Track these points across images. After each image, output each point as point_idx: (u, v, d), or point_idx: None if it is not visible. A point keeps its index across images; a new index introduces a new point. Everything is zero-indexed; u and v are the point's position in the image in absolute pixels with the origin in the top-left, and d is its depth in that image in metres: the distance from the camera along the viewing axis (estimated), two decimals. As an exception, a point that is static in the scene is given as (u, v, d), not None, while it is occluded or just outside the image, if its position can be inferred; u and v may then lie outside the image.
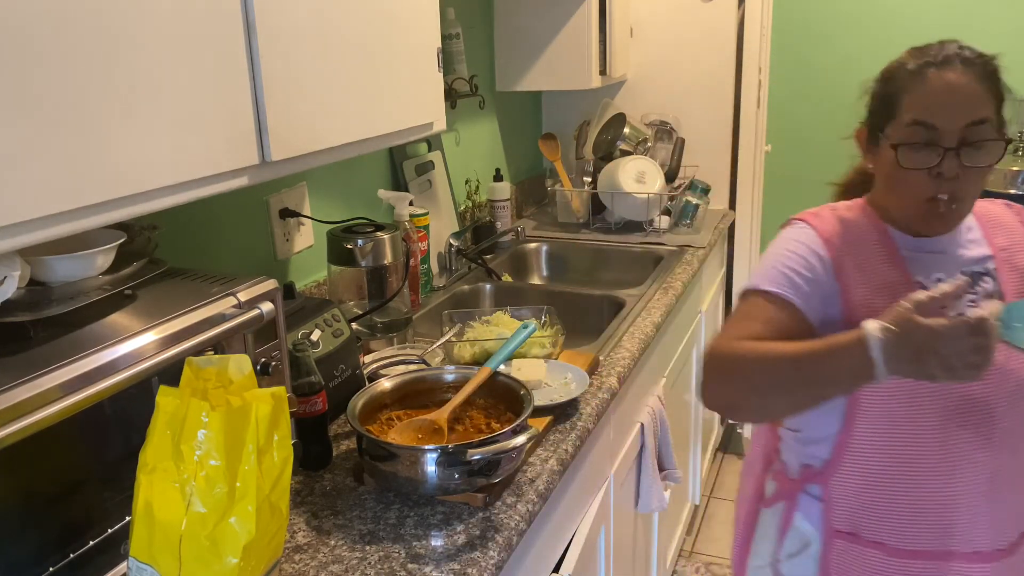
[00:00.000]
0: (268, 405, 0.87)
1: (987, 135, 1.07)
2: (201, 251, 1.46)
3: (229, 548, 0.83)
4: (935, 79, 1.09)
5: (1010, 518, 1.17)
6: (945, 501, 1.14)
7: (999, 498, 1.14)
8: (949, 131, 1.07)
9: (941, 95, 1.08)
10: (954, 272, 1.14)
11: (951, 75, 1.08)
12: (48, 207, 0.78)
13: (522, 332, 1.49)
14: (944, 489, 1.13)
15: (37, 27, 0.75)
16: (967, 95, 1.08)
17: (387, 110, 1.32)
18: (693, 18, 2.75)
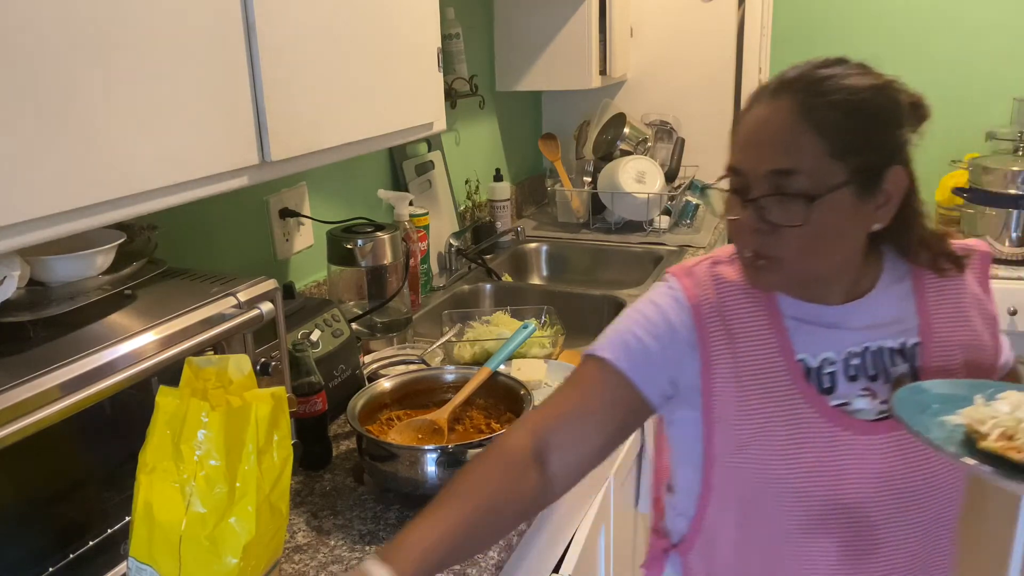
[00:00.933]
0: (268, 405, 0.87)
1: (789, 188, 0.84)
2: (201, 251, 1.46)
3: (229, 548, 0.83)
4: (750, 114, 0.89)
5: None
6: None
7: None
8: (753, 178, 0.87)
9: (748, 134, 0.88)
10: (846, 350, 0.93)
11: (761, 109, 0.88)
12: (48, 207, 0.78)
13: (522, 332, 1.49)
14: None
15: (37, 28, 0.75)
16: (772, 134, 0.85)
17: (387, 110, 1.32)
18: (693, 18, 2.75)
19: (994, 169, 2.53)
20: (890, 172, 0.86)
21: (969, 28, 2.93)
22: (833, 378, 0.93)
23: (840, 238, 0.88)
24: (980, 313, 0.99)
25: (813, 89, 0.85)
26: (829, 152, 0.83)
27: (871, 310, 0.94)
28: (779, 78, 0.89)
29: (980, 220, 2.57)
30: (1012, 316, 2.51)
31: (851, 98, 0.84)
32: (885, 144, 0.87)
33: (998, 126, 2.84)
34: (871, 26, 3.03)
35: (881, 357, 0.94)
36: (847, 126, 0.84)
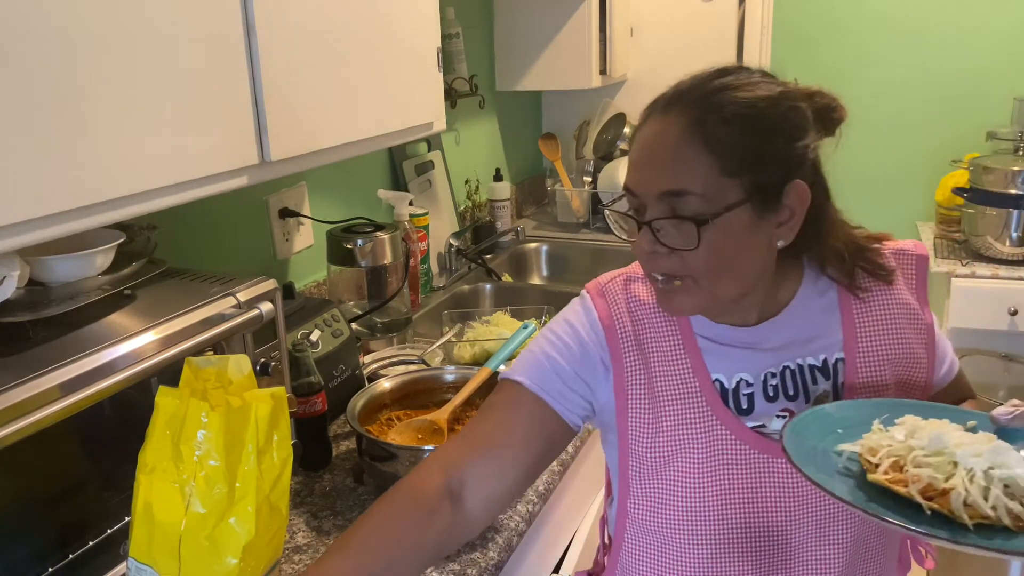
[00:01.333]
0: (268, 405, 0.87)
1: (682, 210, 0.80)
2: (201, 251, 1.46)
3: (229, 548, 0.83)
4: (642, 130, 0.85)
5: None
6: None
7: None
8: (646, 199, 0.83)
9: (641, 152, 0.84)
10: (763, 370, 0.90)
11: (652, 125, 0.83)
12: (48, 207, 0.78)
13: (522, 332, 1.49)
14: None
15: (37, 28, 0.75)
16: (664, 153, 0.81)
17: (387, 110, 1.32)
18: (693, 18, 2.75)
19: (994, 169, 2.52)
20: (790, 187, 0.82)
21: (969, 28, 2.92)
22: (751, 399, 0.90)
23: (743, 258, 0.83)
24: (912, 324, 0.93)
25: (704, 103, 0.81)
26: (722, 170, 0.79)
27: (788, 327, 0.91)
28: (673, 89, 0.84)
29: (980, 220, 2.57)
30: (1012, 316, 2.50)
31: (744, 112, 0.80)
32: (784, 158, 0.82)
33: (998, 126, 2.84)
34: (871, 26, 3.03)
35: (801, 375, 0.90)
36: (740, 142, 0.79)
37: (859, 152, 3.07)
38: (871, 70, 3.05)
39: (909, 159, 3.09)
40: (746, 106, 0.80)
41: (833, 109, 0.86)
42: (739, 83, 0.82)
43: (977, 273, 2.54)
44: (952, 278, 2.55)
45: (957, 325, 2.57)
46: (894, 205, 3.11)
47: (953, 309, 2.56)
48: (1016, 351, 2.56)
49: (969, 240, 2.66)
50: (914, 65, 3.01)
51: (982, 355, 2.56)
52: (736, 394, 0.90)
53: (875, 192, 3.11)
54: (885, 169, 3.09)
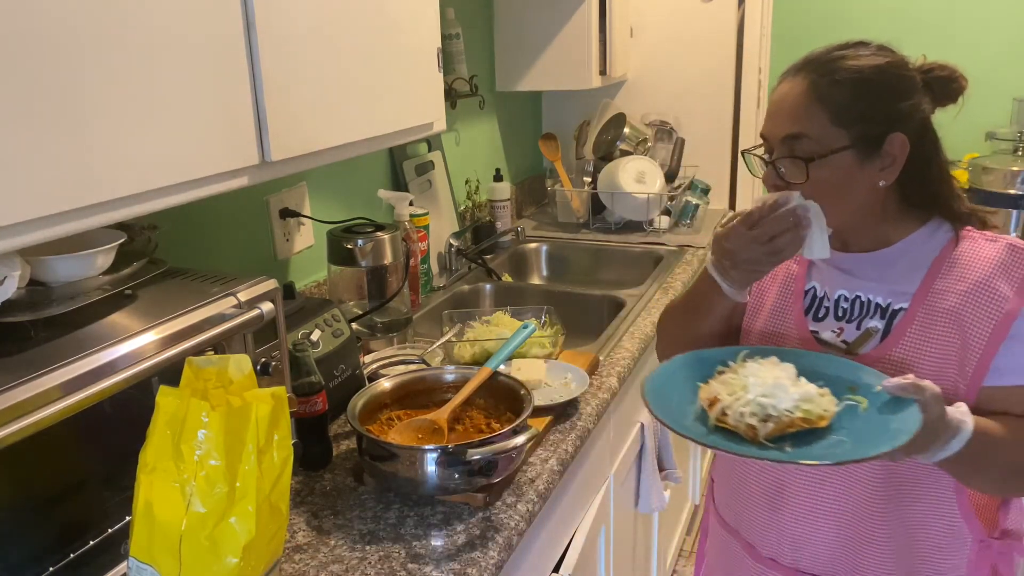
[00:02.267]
0: (268, 405, 0.87)
1: (798, 151, 1.00)
2: (201, 251, 1.46)
3: (229, 548, 0.83)
4: (776, 90, 1.06)
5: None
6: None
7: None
8: (772, 143, 1.04)
9: (772, 106, 1.06)
10: (843, 290, 1.08)
11: (784, 85, 1.04)
12: (48, 207, 0.78)
13: (522, 332, 1.49)
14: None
15: (37, 28, 0.75)
16: (788, 106, 1.02)
17: (387, 110, 1.32)
18: (693, 18, 2.76)
19: (994, 169, 2.53)
20: (892, 138, 0.99)
21: (969, 28, 2.93)
22: (828, 311, 1.10)
23: (846, 193, 1.01)
24: (987, 312, 0.98)
25: (823, 68, 1.01)
26: (832, 121, 0.99)
27: (881, 264, 1.07)
28: (803, 58, 1.04)
29: (980, 220, 2.58)
30: (1012, 316, 2.50)
31: (853, 76, 0.99)
32: (886, 114, 0.99)
33: (998, 126, 2.85)
34: (871, 26, 3.03)
35: (866, 307, 1.07)
36: (848, 100, 0.99)
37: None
38: (871, 70, 3.05)
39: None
40: (855, 71, 1.00)
41: (953, 80, 1.05)
42: (854, 54, 1.02)
43: (977, 273, 2.54)
44: (952, 278, 2.55)
45: (957, 325, 2.57)
46: (894, 205, 3.11)
47: (953, 309, 2.56)
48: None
49: (969, 240, 2.67)
50: (914, 65, 3.01)
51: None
52: (820, 303, 1.11)
53: (875, 192, 3.11)
54: (885, 169, 3.09)
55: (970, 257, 1.03)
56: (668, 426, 0.94)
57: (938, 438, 0.91)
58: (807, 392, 0.93)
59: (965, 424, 0.92)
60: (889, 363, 1.03)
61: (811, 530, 1.12)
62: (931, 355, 1.01)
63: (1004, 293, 0.99)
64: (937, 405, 0.90)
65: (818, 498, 1.11)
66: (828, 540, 1.11)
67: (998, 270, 1.00)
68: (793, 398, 0.91)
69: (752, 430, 0.90)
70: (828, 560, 1.12)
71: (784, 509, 1.14)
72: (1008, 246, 1.02)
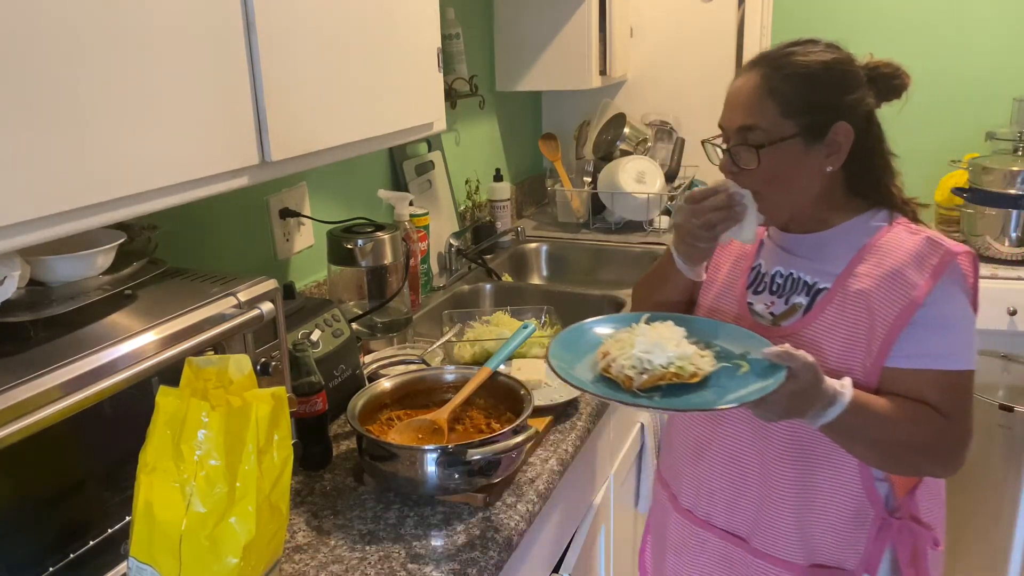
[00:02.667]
0: (268, 405, 0.87)
1: (750, 139, 1.08)
2: (201, 251, 1.46)
3: (229, 548, 0.83)
4: (733, 83, 1.14)
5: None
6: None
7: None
8: (728, 132, 1.12)
9: (729, 98, 1.13)
10: (780, 268, 1.18)
11: (739, 79, 1.12)
12: (48, 207, 0.78)
13: (522, 332, 1.49)
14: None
15: (37, 28, 0.75)
16: (742, 99, 1.10)
17: (387, 110, 1.32)
18: (693, 18, 2.75)
19: (994, 169, 2.53)
20: (837, 127, 1.07)
21: (969, 28, 2.93)
22: (766, 285, 1.19)
23: (795, 176, 1.09)
24: (897, 298, 1.05)
25: (774, 64, 1.09)
26: (780, 112, 1.07)
27: (816, 245, 1.15)
28: (758, 55, 1.13)
29: (980, 220, 2.57)
30: (1012, 316, 2.51)
31: (801, 71, 1.08)
32: (831, 105, 1.07)
33: (998, 126, 2.84)
34: (871, 26, 3.03)
35: (795, 284, 1.16)
36: (796, 93, 1.07)
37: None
38: (871, 70, 3.04)
39: (908, 159, 3.08)
40: (803, 67, 1.08)
41: (896, 77, 1.13)
42: (803, 51, 1.10)
43: (977, 273, 2.54)
44: (952, 278, 2.55)
45: (957, 325, 2.57)
46: (894, 205, 3.11)
47: (953, 309, 2.56)
48: (1015, 351, 2.56)
49: (968, 240, 2.66)
50: (913, 65, 3.00)
51: (981, 355, 2.56)
52: (761, 279, 1.20)
53: (875, 192, 3.11)
54: (885, 169, 3.09)
55: (892, 245, 1.09)
56: (556, 372, 1.03)
57: (812, 404, 0.98)
58: (685, 352, 1.03)
59: (842, 396, 0.99)
60: (803, 336, 1.11)
61: (723, 486, 1.21)
62: (842, 333, 1.08)
63: (914, 281, 1.05)
64: (808, 373, 0.96)
65: (733, 457, 1.19)
66: (737, 498, 1.20)
67: (913, 259, 1.07)
68: (669, 355, 1.01)
69: (629, 380, 1.01)
70: (735, 517, 1.21)
71: (702, 464, 1.23)
72: (927, 238, 1.08)
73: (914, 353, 1.05)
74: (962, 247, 1.08)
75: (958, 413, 1.05)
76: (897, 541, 1.14)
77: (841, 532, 1.14)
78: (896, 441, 1.04)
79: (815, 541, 1.15)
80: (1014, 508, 2.30)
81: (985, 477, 2.34)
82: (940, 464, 1.08)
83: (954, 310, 1.05)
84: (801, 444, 1.12)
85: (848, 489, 1.12)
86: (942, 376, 1.05)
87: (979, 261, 1.10)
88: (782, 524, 1.16)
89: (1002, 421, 2.26)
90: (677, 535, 1.31)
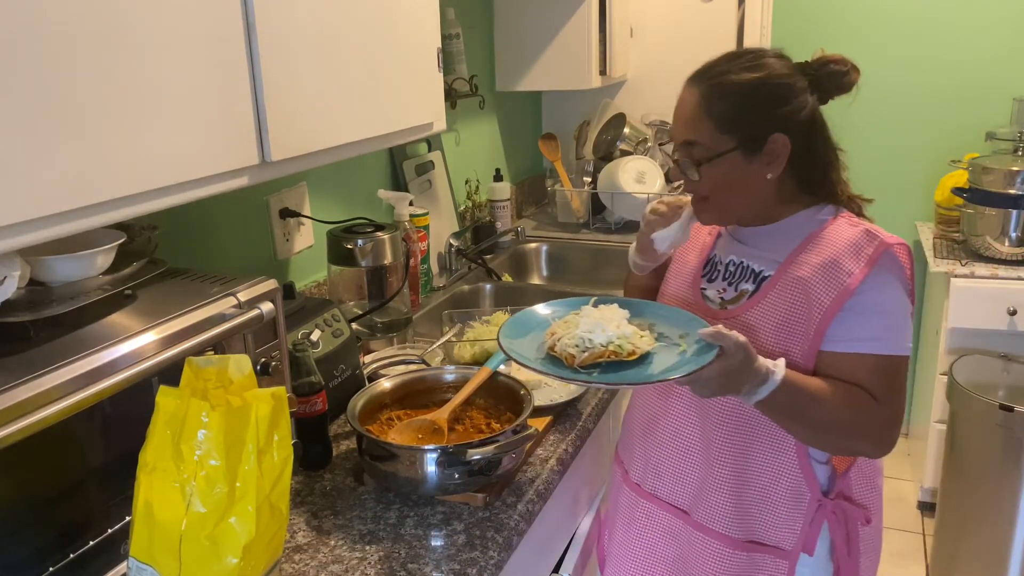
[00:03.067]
0: (268, 405, 0.87)
1: (693, 154, 1.14)
2: (201, 251, 1.46)
3: (229, 548, 0.83)
4: (680, 96, 1.17)
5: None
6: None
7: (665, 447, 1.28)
8: (676, 144, 1.18)
9: (675, 111, 1.18)
10: (732, 257, 1.24)
11: (684, 93, 1.16)
12: (48, 207, 0.78)
13: (522, 332, 1.49)
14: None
15: (37, 28, 0.75)
16: (684, 115, 1.15)
17: (387, 110, 1.32)
18: (693, 18, 2.75)
19: (994, 169, 2.53)
20: (772, 138, 1.11)
21: (969, 28, 2.93)
22: (719, 273, 1.25)
23: (738, 186, 1.15)
24: (832, 286, 1.10)
25: (712, 82, 1.13)
26: (718, 128, 1.12)
27: (764, 237, 1.20)
28: (700, 68, 1.16)
29: (980, 220, 2.57)
30: (1011, 316, 2.51)
31: (735, 90, 1.12)
32: (766, 120, 1.12)
33: (998, 126, 2.84)
34: (870, 26, 3.03)
35: (743, 271, 1.21)
36: (731, 111, 1.12)
37: (859, 152, 3.06)
38: (870, 70, 3.04)
39: (909, 159, 3.09)
40: (736, 86, 1.12)
41: (845, 73, 1.15)
42: (738, 68, 1.13)
43: (976, 273, 2.54)
44: (951, 278, 2.55)
45: (956, 325, 2.57)
46: (894, 205, 3.11)
47: (952, 309, 2.56)
48: (1015, 351, 2.56)
49: (968, 240, 2.66)
50: (913, 65, 3.01)
51: (981, 355, 2.57)
52: (715, 267, 1.26)
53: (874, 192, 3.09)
54: (885, 169, 3.09)
55: (832, 236, 1.14)
56: (504, 350, 1.09)
57: (745, 381, 1.02)
58: (625, 332, 1.09)
59: (774, 375, 1.03)
60: (743, 319, 1.17)
61: (669, 462, 1.27)
62: (779, 317, 1.14)
63: (849, 269, 1.10)
64: (739, 352, 1.00)
65: (679, 434, 1.25)
66: (680, 473, 1.26)
67: (851, 249, 1.11)
68: (609, 335, 1.07)
69: (571, 358, 1.07)
70: (678, 492, 1.27)
71: (651, 440, 1.30)
72: (865, 230, 1.13)
73: (846, 338, 1.10)
74: (897, 239, 1.12)
75: (888, 396, 1.09)
76: (831, 520, 1.19)
77: (778, 511, 1.19)
78: (828, 421, 1.08)
79: (753, 518, 1.20)
80: (1014, 508, 2.30)
81: (985, 477, 2.34)
82: (870, 444, 1.12)
83: (887, 297, 1.10)
84: (743, 424, 1.18)
85: (787, 470, 1.17)
86: (873, 360, 1.09)
87: (912, 253, 1.15)
88: (722, 500, 1.21)
89: (1002, 421, 2.26)
90: (626, 508, 1.37)
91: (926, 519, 2.84)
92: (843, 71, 1.14)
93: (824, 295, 1.10)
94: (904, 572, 2.61)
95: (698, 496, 1.24)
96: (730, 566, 1.21)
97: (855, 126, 1.17)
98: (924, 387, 2.97)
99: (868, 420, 1.09)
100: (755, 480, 1.19)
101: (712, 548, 1.22)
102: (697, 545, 1.24)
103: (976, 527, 2.38)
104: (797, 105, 1.13)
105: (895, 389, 1.10)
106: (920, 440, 2.96)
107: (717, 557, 1.22)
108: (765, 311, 1.15)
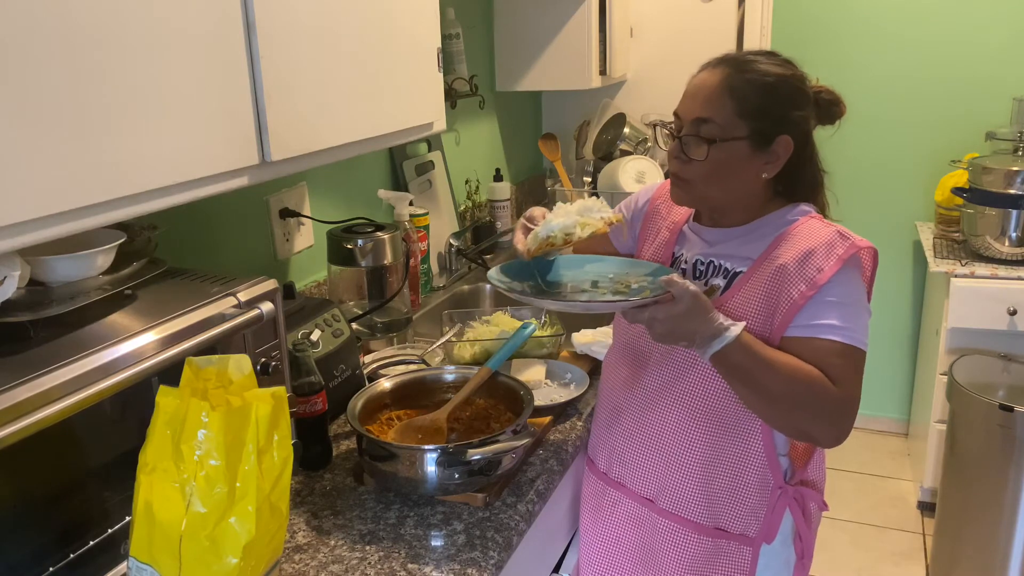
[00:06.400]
0: (268, 405, 0.87)
1: (704, 132, 1.15)
2: (201, 251, 1.46)
3: (229, 548, 0.83)
4: (695, 77, 1.21)
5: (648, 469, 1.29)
6: None
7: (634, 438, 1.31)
8: (684, 121, 1.20)
9: (691, 89, 1.20)
10: (700, 256, 1.26)
11: (703, 73, 1.19)
12: (48, 207, 0.78)
13: (522, 332, 1.49)
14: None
15: (37, 28, 0.75)
16: (704, 92, 1.17)
17: (387, 110, 1.32)
18: (693, 18, 2.75)
19: (994, 169, 2.53)
20: (780, 139, 1.15)
21: (969, 28, 2.93)
22: (685, 272, 1.28)
23: (733, 176, 1.17)
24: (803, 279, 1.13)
25: (739, 66, 1.16)
26: (736, 112, 1.14)
27: (736, 238, 1.23)
28: (723, 55, 1.20)
29: (979, 220, 2.57)
30: (1011, 316, 2.51)
31: (761, 78, 1.15)
32: (780, 118, 1.15)
33: (998, 126, 2.84)
34: (870, 26, 3.03)
35: (714, 269, 1.24)
36: (754, 97, 1.14)
37: (859, 152, 3.07)
38: (870, 70, 3.05)
39: (908, 159, 3.09)
40: (764, 74, 1.15)
41: (835, 104, 1.22)
42: (765, 60, 1.17)
43: (976, 273, 2.54)
44: (951, 278, 2.55)
45: (956, 325, 2.57)
46: (893, 205, 3.11)
47: (952, 309, 2.56)
48: (1015, 351, 2.56)
49: (968, 240, 2.66)
50: (913, 65, 3.01)
51: (981, 355, 2.57)
52: (680, 265, 1.29)
53: (874, 192, 3.11)
54: (885, 169, 3.09)
55: (806, 232, 1.17)
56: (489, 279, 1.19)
57: (697, 330, 1.07)
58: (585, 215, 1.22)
59: (730, 330, 1.07)
60: (727, 309, 1.18)
61: (634, 450, 1.29)
62: (754, 307, 1.17)
63: (820, 265, 1.13)
64: (687, 298, 1.05)
65: (644, 421, 1.28)
66: (645, 461, 1.28)
67: (823, 247, 1.14)
68: (565, 222, 1.20)
69: (529, 252, 1.21)
70: (643, 479, 1.29)
71: (617, 428, 1.32)
72: (838, 231, 1.16)
73: (811, 323, 1.12)
74: (867, 243, 1.16)
75: (847, 382, 1.11)
76: (792, 505, 1.24)
77: (743, 500, 1.23)
78: (784, 393, 1.10)
79: (719, 506, 1.24)
80: (1014, 508, 2.30)
81: (985, 477, 2.34)
82: (824, 426, 1.12)
83: (852, 293, 1.13)
84: (711, 414, 1.21)
85: (752, 458, 1.21)
86: (835, 345, 1.11)
87: (878, 259, 1.20)
88: (690, 487, 1.24)
89: (1002, 421, 2.26)
90: (593, 497, 1.39)
91: (926, 519, 2.84)
92: (834, 101, 1.20)
93: (794, 287, 1.13)
94: (904, 572, 2.61)
95: (663, 484, 1.27)
96: (696, 553, 1.25)
97: (855, 127, 1.18)
98: (924, 387, 2.97)
99: (823, 400, 1.10)
100: (722, 469, 1.22)
101: (678, 535, 1.26)
102: (662, 532, 1.27)
103: (976, 527, 2.38)
104: (806, 113, 1.17)
105: (853, 377, 1.12)
106: (920, 440, 2.96)
107: (682, 544, 1.26)
108: (741, 303, 1.18)
